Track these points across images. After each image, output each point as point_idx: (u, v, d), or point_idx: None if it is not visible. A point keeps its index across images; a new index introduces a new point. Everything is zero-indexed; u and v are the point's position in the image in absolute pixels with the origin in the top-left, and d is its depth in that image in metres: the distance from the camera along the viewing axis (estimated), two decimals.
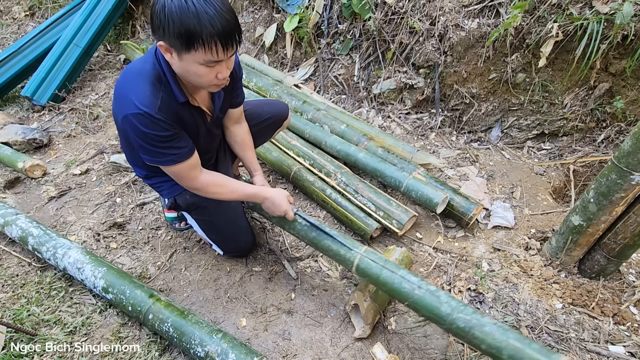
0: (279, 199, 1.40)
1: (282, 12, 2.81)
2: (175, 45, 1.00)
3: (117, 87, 1.16)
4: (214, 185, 1.33)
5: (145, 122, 1.09)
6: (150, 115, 1.09)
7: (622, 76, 1.95)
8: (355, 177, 1.90)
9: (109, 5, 3.14)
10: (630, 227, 1.34)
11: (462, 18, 2.15)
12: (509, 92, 2.21)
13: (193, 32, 0.96)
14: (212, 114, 1.36)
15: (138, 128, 1.10)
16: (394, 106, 2.54)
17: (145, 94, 1.10)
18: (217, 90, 1.19)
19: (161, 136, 1.13)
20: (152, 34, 1.06)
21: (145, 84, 1.11)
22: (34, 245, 1.61)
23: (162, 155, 1.18)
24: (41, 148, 2.53)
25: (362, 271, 1.26)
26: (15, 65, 2.97)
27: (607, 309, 1.45)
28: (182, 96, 1.18)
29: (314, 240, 1.39)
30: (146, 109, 1.08)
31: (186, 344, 1.25)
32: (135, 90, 1.11)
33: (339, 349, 1.37)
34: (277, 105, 1.75)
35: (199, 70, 1.05)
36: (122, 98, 1.12)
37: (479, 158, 2.23)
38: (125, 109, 1.09)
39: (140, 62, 1.17)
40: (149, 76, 1.13)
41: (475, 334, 1.02)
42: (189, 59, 1.03)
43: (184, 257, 1.74)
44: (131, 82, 1.13)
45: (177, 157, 1.21)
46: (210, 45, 0.99)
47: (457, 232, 1.82)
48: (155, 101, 1.10)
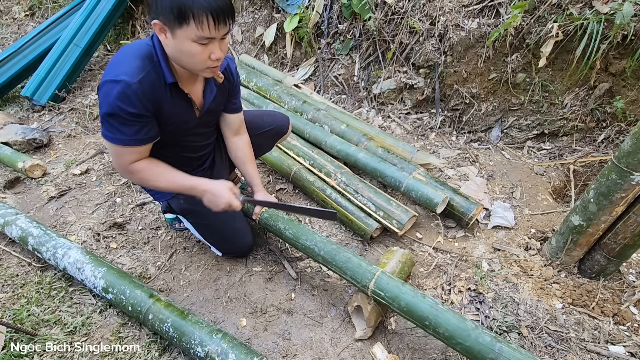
0: (219, 190, 1.30)
1: (282, 12, 2.81)
2: (169, 21, 1.01)
3: (109, 62, 1.15)
4: (150, 172, 1.26)
5: (117, 91, 1.06)
6: (126, 84, 1.06)
7: (622, 76, 1.95)
8: (355, 177, 1.90)
9: (109, 5, 3.14)
10: (630, 227, 1.34)
11: (462, 18, 2.15)
12: (509, 92, 2.21)
13: (185, 5, 0.97)
14: (201, 108, 1.33)
15: (108, 95, 1.07)
16: (394, 106, 2.54)
17: (132, 65, 1.09)
18: (210, 75, 1.17)
19: (126, 112, 1.09)
20: (148, 15, 1.07)
21: (135, 58, 1.11)
22: (34, 245, 1.61)
23: (115, 130, 1.13)
24: (41, 148, 2.53)
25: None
26: (15, 65, 2.97)
27: (607, 309, 1.45)
28: (171, 76, 1.16)
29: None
30: (125, 77, 1.06)
31: (186, 344, 1.25)
32: (123, 63, 1.10)
33: (339, 349, 1.37)
34: (278, 117, 1.75)
35: (192, 48, 1.05)
36: (108, 70, 1.11)
37: (479, 158, 2.23)
38: (106, 77, 1.08)
39: (136, 42, 1.17)
40: (141, 52, 1.12)
41: None
42: (181, 35, 1.03)
43: (184, 257, 1.74)
44: (121, 56, 1.12)
45: (128, 140, 1.16)
46: (202, 19, 1.00)
47: (457, 232, 1.82)
48: (138, 73, 1.09)
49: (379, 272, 1.29)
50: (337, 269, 1.37)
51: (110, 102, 1.08)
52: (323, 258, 1.41)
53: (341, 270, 1.36)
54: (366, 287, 1.29)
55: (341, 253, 1.38)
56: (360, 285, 1.31)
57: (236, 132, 1.53)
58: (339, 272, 1.37)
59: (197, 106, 1.32)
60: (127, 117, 1.11)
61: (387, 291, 1.24)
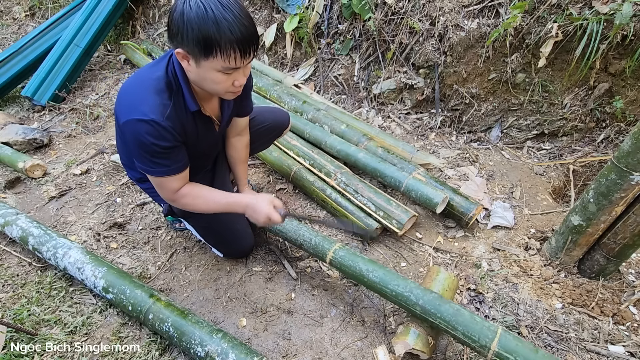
0: (259, 204, 1.27)
1: (282, 12, 2.81)
2: (194, 52, 1.00)
3: (126, 89, 1.14)
4: (193, 195, 1.27)
5: (149, 130, 1.07)
6: (156, 123, 1.06)
7: (621, 76, 1.95)
8: (355, 177, 1.91)
9: (109, 6, 3.14)
10: (629, 227, 1.34)
11: (462, 18, 2.15)
12: (508, 92, 2.21)
13: (212, 39, 0.95)
14: (221, 123, 1.36)
15: (139, 134, 1.07)
16: (394, 106, 2.54)
17: (156, 102, 1.08)
18: (232, 97, 1.17)
19: (161, 146, 1.11)
20: (168, 40, 1.07)
21: (156, 90, 1.09)
22: (35, 245, 1.61)
23: (155, 164, 1.15)
24: (41, 148, 2.54)
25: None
26: (16, 65, 2.97)
27: (606, 308, 1.45)
28: (195, 105, 1.16)
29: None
30: (153, 116, 1.06)
31: (186, 344, 1.25)
32: (145, 96, 1.09)
33: (339, 348, 1.37)
34: (278, 113, 1.76)
35: (216, 78, 1.05)
36: (129, 102, 1.10)
37: (478, 158, 2.23)
38: (130, 114, 1.07)
39: (153, 68, 1.15)
40: (160, 82, 1.11)
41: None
42: (206, 65, 1.01)
43: (184, 257, 1.74)
44: (142, 88, 1.11)
45: (170, 170, 1.18)
46: (229, 52, 0.98)
47: (457, 232, 1.82)
48: (164, 110, 1.09)
49: (501, 330, 1.09)
50: (444, 322, 1.15)
51: (143, 142, 1.09)
52: (422, 308, 1.19)
53: (449, 325, 1.14)
54: (485, 348, 1.07)
55: (446, 304, 1.17)
56: (476, 345, 1.09)
57: (238, 132, 1.54)
58: (445, 326, 1.15)
59: (216, 122, 1.34)
60: (163, 151, 1.13)
61: (517, 354, 1.02)
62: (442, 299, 1.19)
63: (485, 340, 1.07)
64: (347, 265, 1.36)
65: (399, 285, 1.25)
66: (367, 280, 1.31)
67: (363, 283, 1.33)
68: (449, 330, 1.15)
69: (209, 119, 1.28)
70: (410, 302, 1.21)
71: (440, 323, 1.16)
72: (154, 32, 3.54)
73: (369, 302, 1.53)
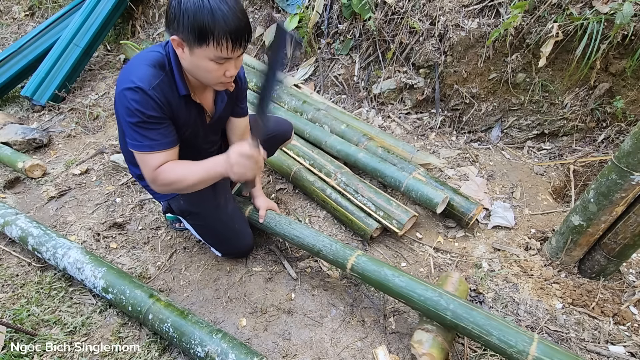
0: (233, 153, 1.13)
1: (282, 12, 2.81)
2: (188, 39, 1.04)
3: (122, 69, 1.18)
4: (167, 172, 1.18)
5: (136, 97, 1.09)
6: (142, 90, 1.09)
7: (622, 76, 1.95)
8: (355, 177, 1.90)
9: (109, 5, 3.14)
10: (630, 227, 1.34)
11: (462, 18, 2.15)
12: (509, 92, 2.21)
13: (206, 27, 0.99)
14: (213, 116, 1.36)
15: (128, 102, 1.10)
16: (394, 106, 2.54)
17: (146, 72, 1.12)
18: (222, 89, 1.20)
19: (146, 115, 1.11)
20: (165, 27, 1.11)
21: (148, 67, 1.13)
22: (34, 245, 1.61)
23: (142, 137, 1.14)
24: (41, 148, 2.53)
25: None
26: (15, 65, 2.97)
27: (607, 309, 1.45)
28: (184, 89, 1.19)
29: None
30: (140, 84, 1.09)
31: (186, 344, 1.25)
32: (136, 70, 1.12)
33: (339, 349, 1.37)
34: (282, 123, 1.78)
35: (209, 66, 1.08)
36: (121, 78, 1.13)
37: (479, 158, 2.23)
38: (121, 85, 1.11)
39: (149, 50, 1.19)
40: (153, 61, 1.15)
41: None
42: (200, 53, 1.05)
43: (184, 257, 1.74)
44: (134, 64, 1.15)
45: (156, 145, 1.15)
46: (221, 41, 1.02)
47: (457, 232, 1.82)
48: (152, 80, 1.11)
49: (537, 337, 1.06)
50: (477, 328, 1.10)
51: (129, 109, 1.10)
52: (453, 314, 1.14)
53: (483, 330, 1.09)
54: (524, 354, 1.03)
55: (477, 308, 1.14)
56: (514, 350, 1.04)
57: (241, 136, 1.54)
58: (477, 332, 1.10)
59: (208, 113, 1.35)
60: (149, 121, 1.13)
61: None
62: (471, 304, 1.16)
63: (523, 344, 1.03)
64: (368, 271, 1.31)
65: (427, 289, 1.20)
66: (392, 286, 1.25)
67: (387, 289, 1.28)
68: (482, 336, 1.09)
69: (200, 107, 1.29)
70: (440, 307, 1.16)
71: (473, 329, 1.10)
72: (154, 32, 3.54)
73: (369, 302, 1.52)
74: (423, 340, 1.22)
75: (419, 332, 1.26)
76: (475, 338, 1.12)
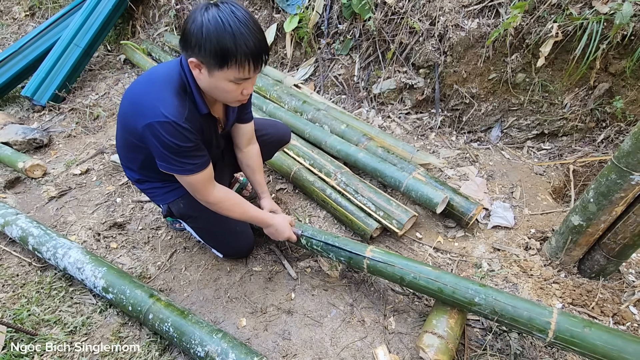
0: (281, 226, 1.46)
1: (282, 12, 2.81)
2: (209, 63, 1.04)
3: (139, 91, 1.17)
4: (228, 203, 1.35)
5: (170, 131, 1.11)
6: (177, 125, 1.11)
7: (621, 76, 1.95)
8: (355, 177, 1.91)
9: (109, 6, 3.14)
10: (630, 227, 1.34)
11: (462, 18, 2.15)
12: (508, 92, 2.21)
13: (229, 51, 1.00)
14: (225, 126, 1.42)
15: (162, 136, 1.11)
16: (394, 106, 2.54)
17: (174, 103, 1.12)
18: (238, 105, 1.23)
19: (184, 147, 1.16)
20: (182, 49, 1.10)
21: (173, 93, 1.14)
22: (34, 245, 1.61)
23: (181, 164, 1.19)
24: (41, 148, 2.54)
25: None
26: (16, 65, 2.97)
27: (606, 308, 1.45)
28: (205, 107, 1.22)
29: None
30: (174, 118, 1.10)
31: (186, 344, 1.25)
32: (162, 98, 1.12)
33: (339, 348, 1.37)
34: (280, 127, 1.80)
35: (227, 87, 1.10)
36: (146, 104, 1.13)
37: (478, 158, 2.23)
38: (150, 117, 1.11)
39: (166, 70, 1.18)
40: (175, 86, 1.15)
41: None
42: (219, 75, 1.06)
43: (184, 257, 1.74)
44: (157, 90, 1.14)
45: (195, 167, 1.22)
46: (243, 64, 1.04)
47: (457, 232, 1.82)
48: (183, 111, 1.13)
49: (557, 311, 1.11)
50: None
51: (167, 143, 1.13)
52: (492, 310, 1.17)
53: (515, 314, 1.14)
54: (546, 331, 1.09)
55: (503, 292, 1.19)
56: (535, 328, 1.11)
57: (249, 141, 1.57)
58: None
59: (221, 124, 1.40)
60: (185, 151, 1.17)
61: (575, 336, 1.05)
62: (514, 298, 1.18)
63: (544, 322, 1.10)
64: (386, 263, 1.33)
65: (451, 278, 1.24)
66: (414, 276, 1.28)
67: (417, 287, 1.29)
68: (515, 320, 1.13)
69: (215, 120, 1.34)
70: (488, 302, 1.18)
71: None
72: (154, 32, 3.54)
73: (369, 302, 1.53)
74: (434, 345, 1.20)
75: (429, 335, 1.23)
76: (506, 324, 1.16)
